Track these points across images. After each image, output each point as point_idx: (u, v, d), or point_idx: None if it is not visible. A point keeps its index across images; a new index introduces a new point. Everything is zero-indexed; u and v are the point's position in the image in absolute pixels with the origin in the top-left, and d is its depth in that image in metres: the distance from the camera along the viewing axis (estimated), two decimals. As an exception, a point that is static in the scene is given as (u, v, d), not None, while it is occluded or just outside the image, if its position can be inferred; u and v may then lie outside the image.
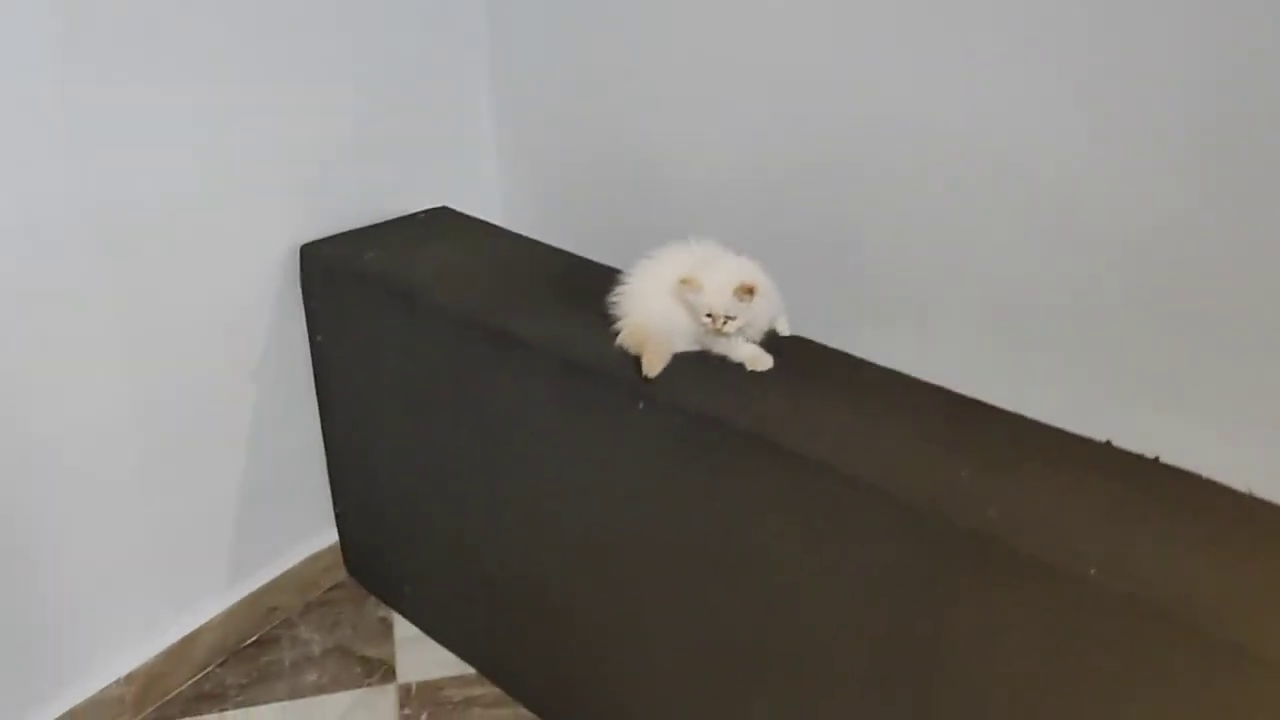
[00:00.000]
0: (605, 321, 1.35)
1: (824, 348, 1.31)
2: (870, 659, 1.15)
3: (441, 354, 1.51)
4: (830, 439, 1.14)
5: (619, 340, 1.29)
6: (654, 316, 1.27)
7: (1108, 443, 1.12)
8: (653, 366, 1.24)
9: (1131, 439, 1.10)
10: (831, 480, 1.10)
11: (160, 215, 1.47)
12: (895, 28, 1.43)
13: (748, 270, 1.25)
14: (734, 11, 1.59)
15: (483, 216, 1.83)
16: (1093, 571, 0.93)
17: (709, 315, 1.22)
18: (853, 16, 1.46)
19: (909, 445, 1.13)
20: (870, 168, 1.53)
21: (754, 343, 1.27)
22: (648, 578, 1.35)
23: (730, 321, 1.22)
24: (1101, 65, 1.28)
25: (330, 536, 1.92)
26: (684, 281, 1.23)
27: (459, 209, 1.86)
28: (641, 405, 1.25)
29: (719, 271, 1.23)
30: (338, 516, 1.91)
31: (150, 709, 1.66)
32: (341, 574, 1.95)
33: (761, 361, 1.25)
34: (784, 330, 1.31)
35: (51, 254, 1.36)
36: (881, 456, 1.11)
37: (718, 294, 1.21)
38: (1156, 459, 1.09)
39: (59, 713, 1.54)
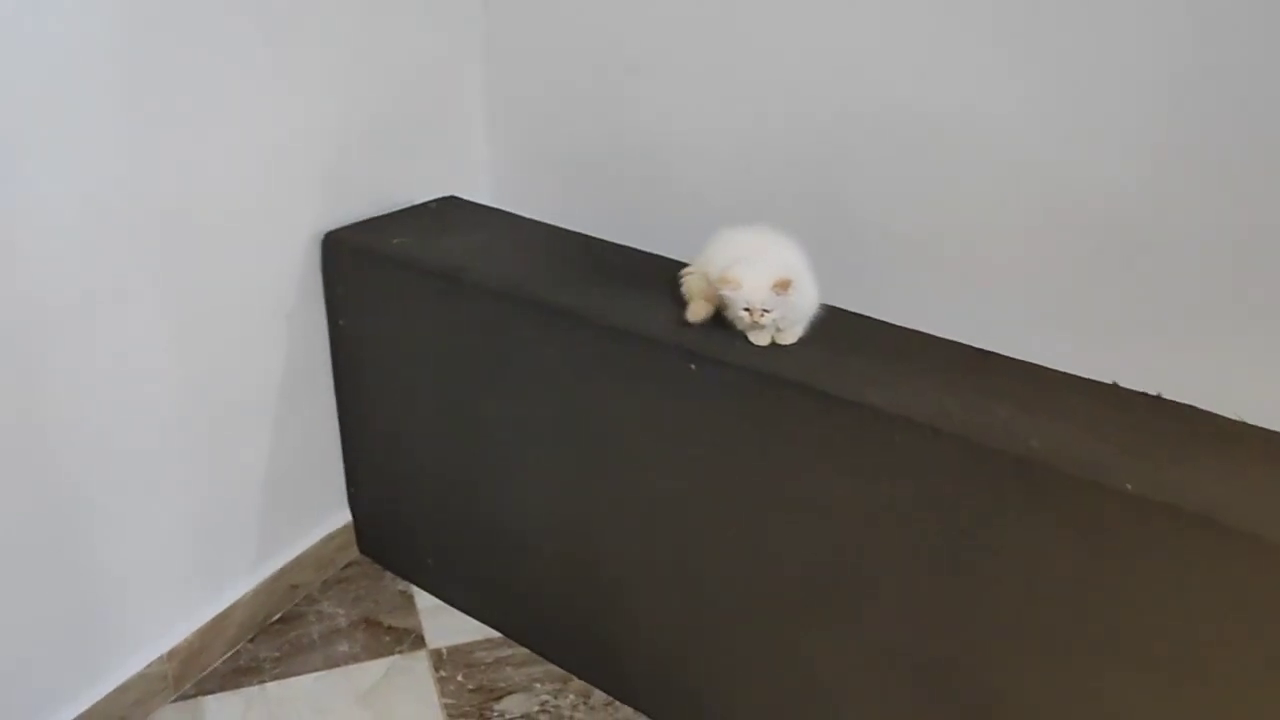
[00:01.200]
0: (641, 293, 1.48)
1: (842, 310, 1.45)
2: (924, 591, 1.29)
3: (483, 328, 1.60)
4: (871, 386, 1.28)
5: (681, 285, 1.46)
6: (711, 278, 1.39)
7: (1114, 384, 1.30)
8: (695, 314, 1.40)
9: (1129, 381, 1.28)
10: (879, 421, 1.24)
11: (200, 210, 1.54)
12: (883, 14, 1.58)
13: (786, 264, 1.36)
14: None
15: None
16: (1129, 486, 1.09)
17: (746, 309, 1.34)
18: (859, 8, 1.61)
19: (943, 389, 1.27)
20: (861, 148, 1.67)
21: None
22: (699, 528, 1.47)
23: (766, 314, 1.34)
24: (1075, 58, 1.45)
25: (344, 517, 1.98)
26: (723, 280, 1.34)
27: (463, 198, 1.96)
28: (693, 366, 1.37)
29: (758, 267, 1.33)
30: (350, 497, 1.98)
31: (190, 683, 1.71)
32: (354, 553, 2.02)
33: (789, 335, 1.38)
34: (791, 338, 1.39)
35: (109, 249, 1.42)
36: (921, 399, 1.25)
37: (756, 291, 1.32)
38: (1159, 395, 1.27)
39: (110, 689, 1.59)
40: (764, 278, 1.32)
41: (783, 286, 1.31)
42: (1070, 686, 1.20)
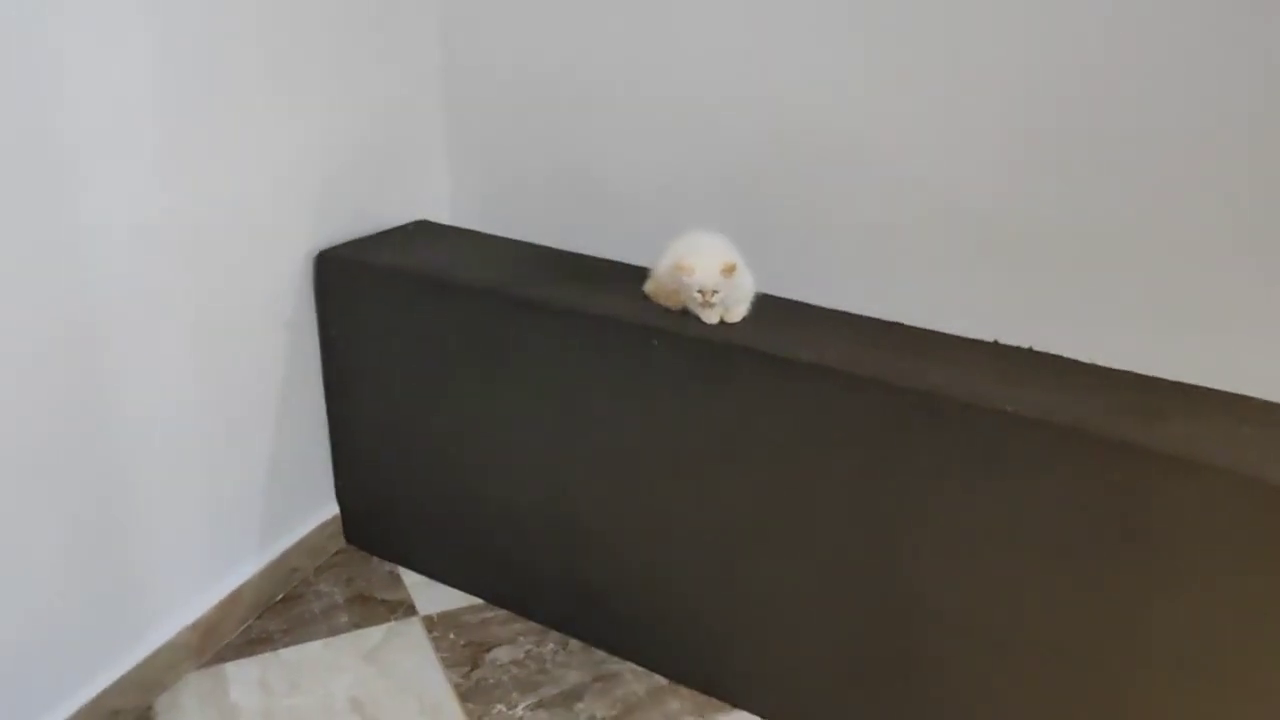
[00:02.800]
0: (602, 287, 1.78)
1: (782, 298, 1.75)
2: (852, 514, 1.58)
3: (464, 326, 1.86)
4: (801, 348, 1.57)
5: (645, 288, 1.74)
6: (668, 279, 1.68)
7: (995, 341, 1.62)
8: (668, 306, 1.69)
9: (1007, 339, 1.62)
10: (809, 373, 1.54)
11: (216, 234, 1.78)
12: (801, 41, 1.90)
13: (728, 253, 1.64)
14: (659, 37, 2.04)
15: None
16: (1009, 408, 1.41)
17: (699, 291, 1.62)
18: (771, 41, 1.93)
19: (859, 348, 1.58)
20: (778, 164, 1.99)
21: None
22: (662, 480, 1.75)
23: (716, 294, 1.62)
24: (949, 91, 1.80)
25: (333, 509, 2.21)
26: (678, 267, 1.62)
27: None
28: (655, 342, 1.66)
29: (706, 256, 1.62)
30: (338, 490, 2.21)
31: (210, 653, 1.92)
32: (342, 542, 2.24)
33: (735, 314, 1.67)
34: (736, 317, 1.67)
35: (149, 267, 1.65)
36: (842, 355, 1.55)
37: (707, 274, 1.60)
38: (1030, 348, 1.60)
39: (145, 655, 1.79)
40: (712, 263, 1.60)
41: (728, 270, 1.60)
42: (973, 579, 1.50)
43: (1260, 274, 1.67)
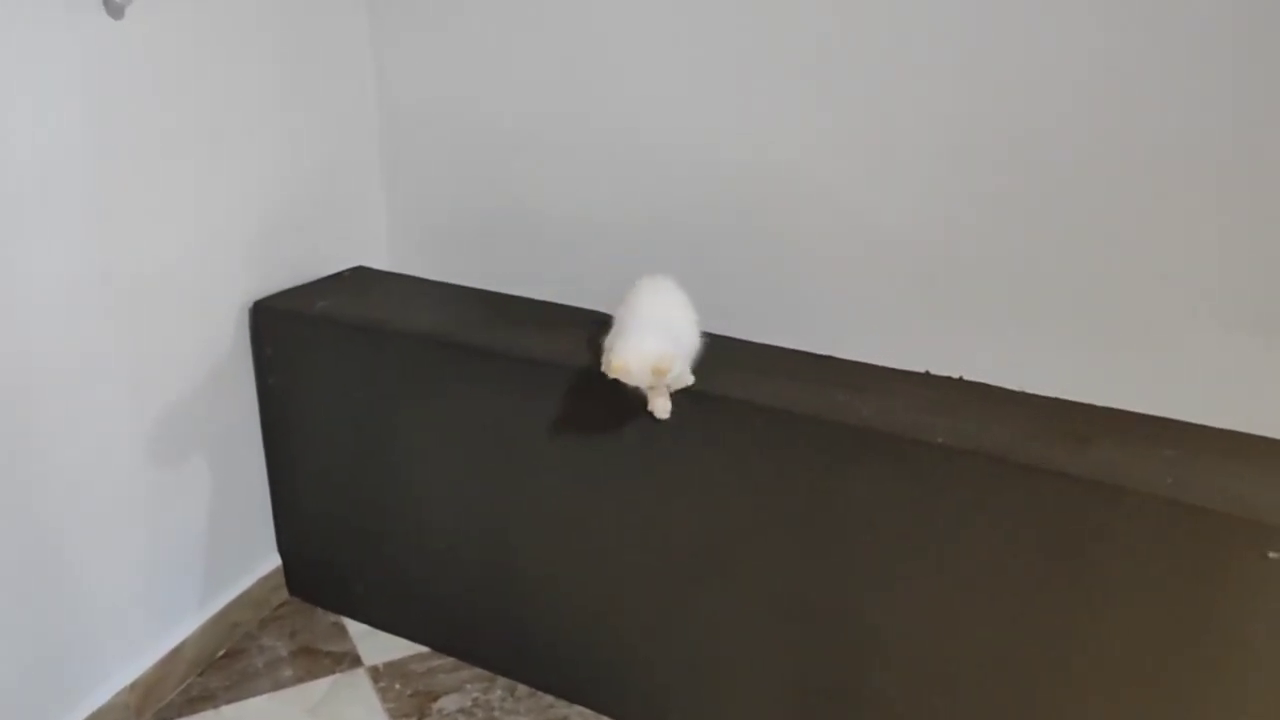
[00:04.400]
0: (538, 329, 1.79)
1: (717, 335, 1.76)
2: (792, 550, 1.59)
3: (403, 372, 1.86)
4: (738, 386, 1.59)
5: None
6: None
7: (927, 372, 1.65)
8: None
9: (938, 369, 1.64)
10: (746, 411, 1.55)
11: (149, 287, 1.76)
12: (737, 81, 1.94)
13: (663, 329, 1.57)
14: (595, 78, 2.06)
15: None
16: (940, 439, 1.43)
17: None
18: (706, 80, 1.96)
19: (793, 383, 1.60)
20: (718, 211, 2.02)
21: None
22: (603, 526, 1.75)
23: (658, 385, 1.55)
24: (882, 130, 1.84)
25: (275, 560, 2.19)
26: (610, 368, 1.51)
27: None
28: (595, 384, 1.67)
29: (637, 353, 1.51)
30: (279, 541, 2.19)
31: (150, 713, 1.88)
32: (284, 594, 2.22)
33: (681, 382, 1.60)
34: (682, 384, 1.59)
35: (82, 320, 1.64)
36: (777, 392, 1.57)
37: (639, 375, 1.51)
38: (960, 378, 1.63)
39: (82, 718, 1.75)
40: (645, 364, 1.51)
41: (659, 373, 1.51)
42: (908, 604, 1.52)
43: (1184, 300, 1.71)
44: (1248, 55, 1.57)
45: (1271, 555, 1.24)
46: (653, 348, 1.53)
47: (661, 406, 1.58)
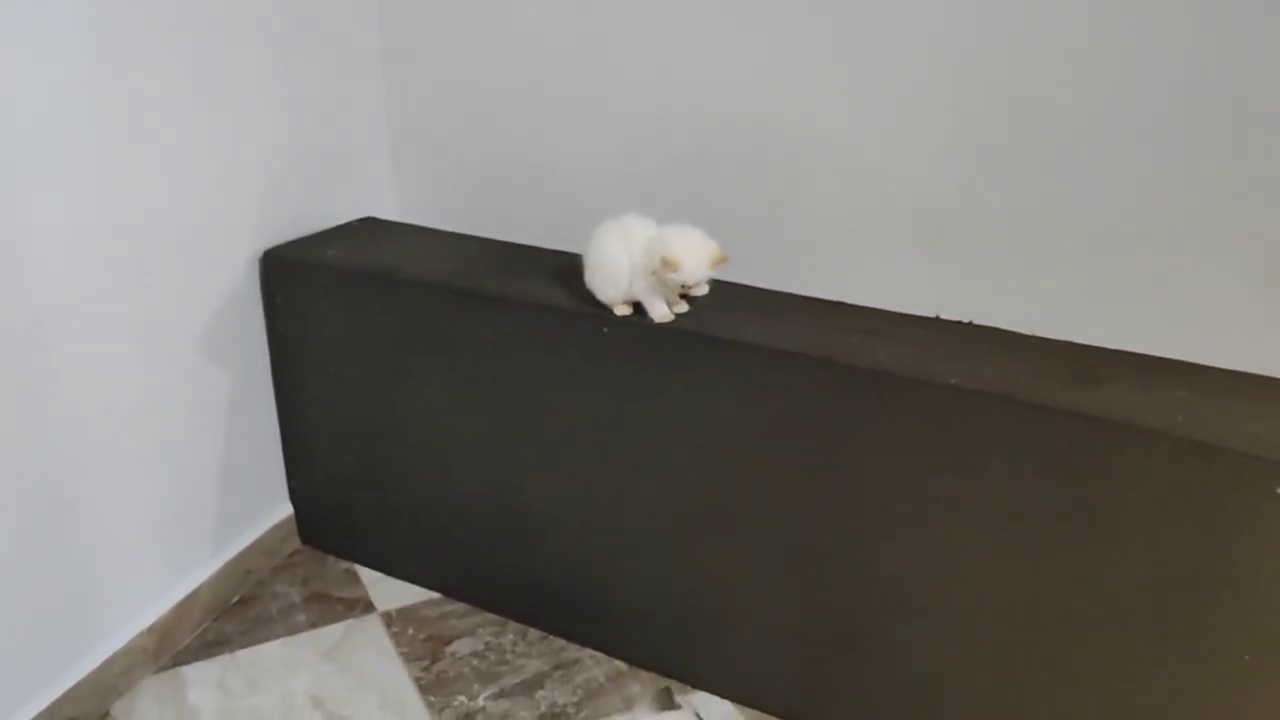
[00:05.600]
0: (548, 277, 1.79)
1: (729, 283, 1.77)
2: (805, 493, 1.61)
3: (413, 320, 1.87)
4: (750, 329, 1.60)
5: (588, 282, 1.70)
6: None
7: (937, 316, 1.66)
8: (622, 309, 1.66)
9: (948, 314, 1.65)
10: (759, 354, 1.56)
11: (161, 235, 1.76)
12: (745, 31, 1.93)
13: (709, 242, 1.60)
14: (602, 26, 2.05)
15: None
16: (952, 380, 1.44)
17: (684, 284, 1.59)
18: (715, 30, 1.95)
19: (807, 328, 1.61)
20: (718, 152, 2.02)
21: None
22: (614, 465, 1.76)
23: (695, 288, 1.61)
24: (896, 85, 1.83)
25: (287, 509, 2.21)
26: (665, 263, 1.55)
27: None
28: (606, 330, 1.67)
29: (692, 251, 1.57)
30: (291, 491, 2.20)
31: (166, 656, 1.91)
32: (297, 543, 2.24)
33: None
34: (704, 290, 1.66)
35: (92, 268, 1.64)
36: (791, 336, 1.58)
37: (695, 269, 1.57)
38: (970, 322, 1.63)
39: (100, 661, 1.77)
40: (700, 257, 1.56)
41: (717, 262, 1.57)
42: (925, 551, 1.53)
43: (1190, 246, 1.71)
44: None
45: (1280, 491, 1.25)
46: (709, 241, 1.59)
47: (668, 312, 1.62)
